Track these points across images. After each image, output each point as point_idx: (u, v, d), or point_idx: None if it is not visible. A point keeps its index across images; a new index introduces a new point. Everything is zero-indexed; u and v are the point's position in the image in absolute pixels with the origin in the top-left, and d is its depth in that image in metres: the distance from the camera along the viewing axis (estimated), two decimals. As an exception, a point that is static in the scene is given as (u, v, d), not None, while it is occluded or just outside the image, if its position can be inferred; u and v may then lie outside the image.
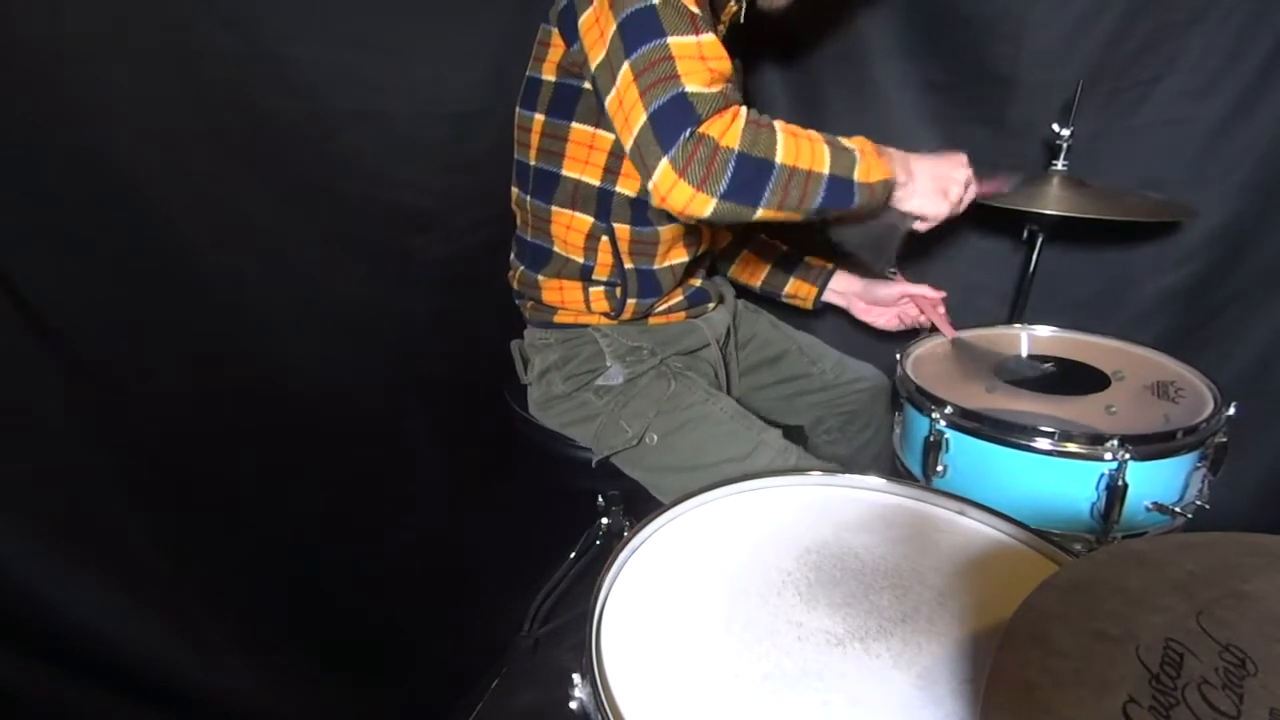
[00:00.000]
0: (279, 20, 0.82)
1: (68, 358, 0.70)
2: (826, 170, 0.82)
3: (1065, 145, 1.14)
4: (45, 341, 0.68)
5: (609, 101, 0.81)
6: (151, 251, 0.76)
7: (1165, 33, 1.15)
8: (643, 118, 0.77)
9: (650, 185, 0.78)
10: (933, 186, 0.94)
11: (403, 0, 0.95)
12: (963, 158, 0.97)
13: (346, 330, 1.00)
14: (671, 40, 0.76)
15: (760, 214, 0.80)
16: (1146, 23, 1.15)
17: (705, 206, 0.78)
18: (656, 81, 0.76)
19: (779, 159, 0.79)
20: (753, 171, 0.78)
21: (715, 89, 0.77)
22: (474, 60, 1.05)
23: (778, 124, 0.81)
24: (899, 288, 1.24)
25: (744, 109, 0.79)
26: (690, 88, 0.76)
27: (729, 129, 0.77)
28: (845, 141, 0.85)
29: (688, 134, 0.75)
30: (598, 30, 0.81)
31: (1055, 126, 1.13)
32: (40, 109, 0.65)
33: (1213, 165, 1.19)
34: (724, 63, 0.79)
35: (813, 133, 0.83)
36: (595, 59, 0.82)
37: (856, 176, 0.84)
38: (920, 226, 0.98)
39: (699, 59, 0.77)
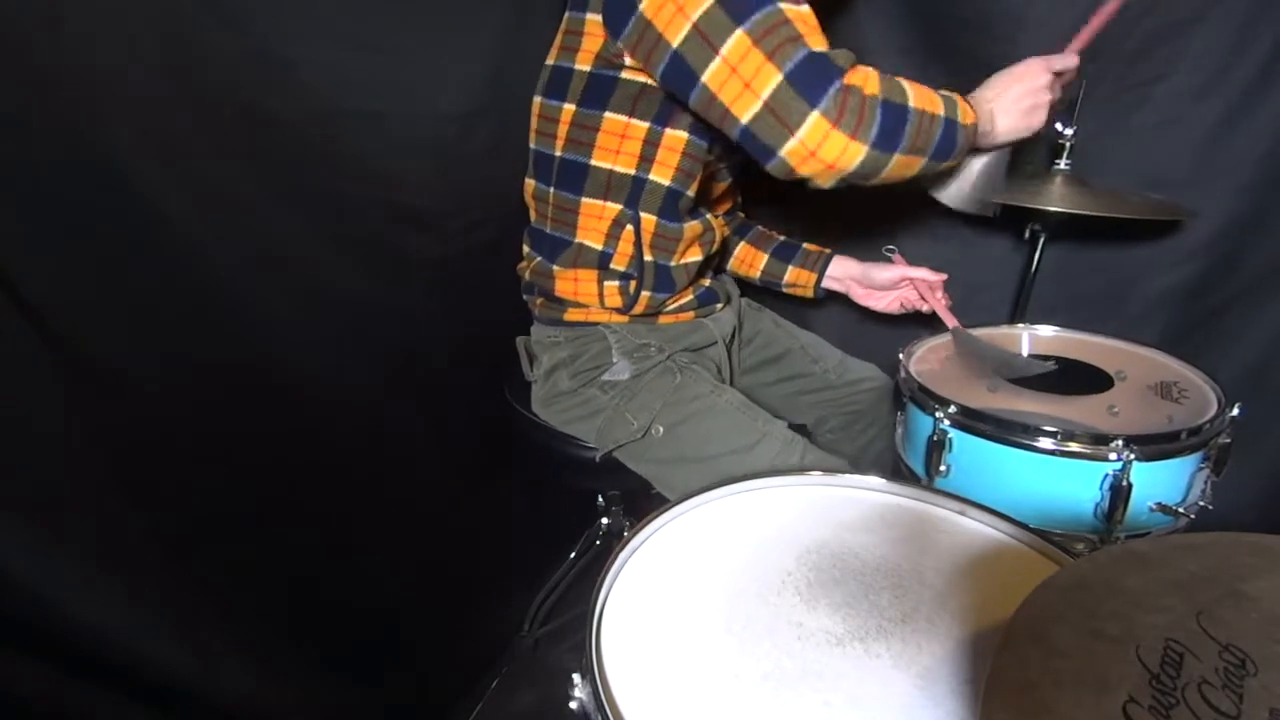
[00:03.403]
0: (279, 20, 0.82)
1: (68, 358, 0.70)
2: (943, 113, 0.86)
3: (1068, 145, 1.14)
4: (45, 341, 0.67)
5: (712, 72, 0.80)
6: (151, 251, 0.76)
7: (1166, 32, 1.14)
8: (776, 78, 0.77)
9: (793, 143, 0.79)
10: (1016, 114, 0.96)
11: (403, 0, 0.95)
12: (1038, 63, 0.96)
13: (346, 330, 1.00)
14: (784, 6, 0.78)
15: (895, 161, 0.83)
16: (1147, 23, 1.14)
17: (857, 155, 0.80)
18: (783, 44, 0.77)
19: (912, 103, 0.82)
20: (896, 118, 0.81)
21: (834, 50, 0.80)
22: (474, 60, 1.05)
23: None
24: (897, 270, 1.22)
25: (869, 66, 0.82)
26: (816, 48, 0.78)
27: (868, 79, 0.80)
28: (941, 91, 0.88)
29: (838, 85, 0.77)
30: (674, 7, 0.81)
31: (1058, 126, 1.13)
32: (40, 109, 0.65)
33: (1214, 165, 1.19)
34: (823, 34, 0.82)
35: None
36: (678, 34, 0.81)
37: (959, 118, 0.88)
38: (1027, 134, 1.00)
39: (811, 27, 0.80)
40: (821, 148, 0.79)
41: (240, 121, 0.81)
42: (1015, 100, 0.95)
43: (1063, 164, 1.15)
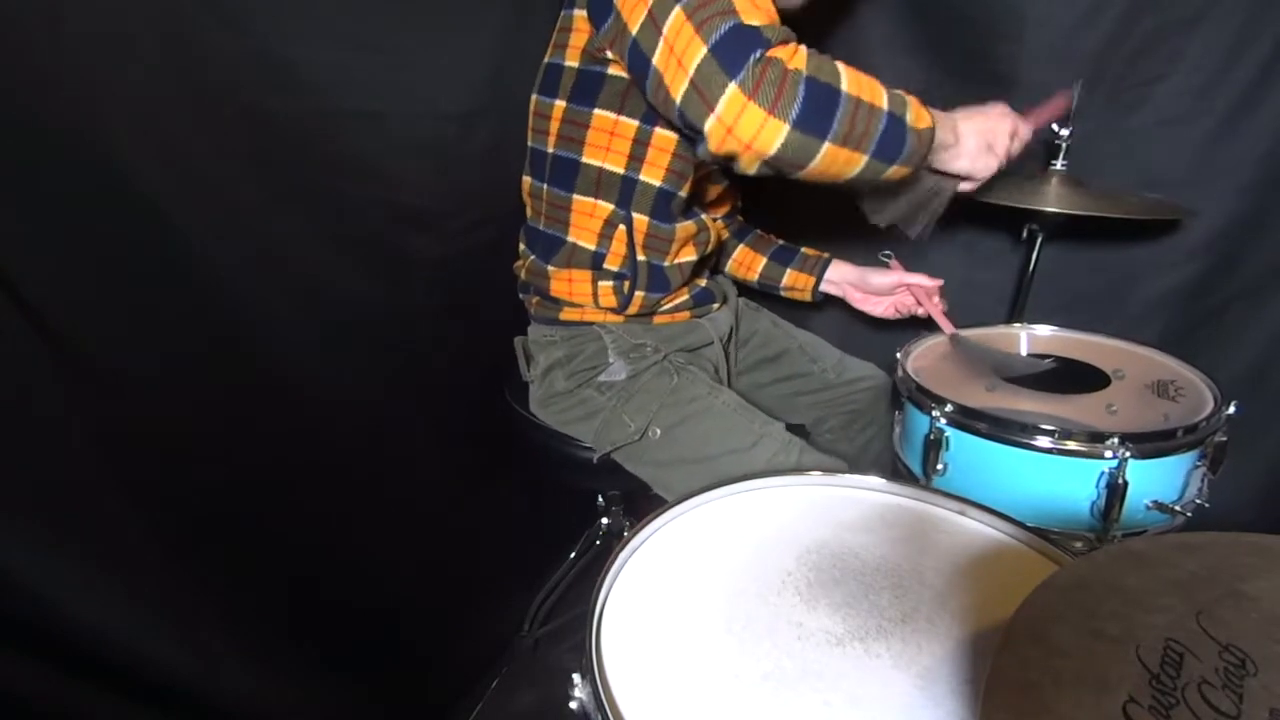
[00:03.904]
0: (279, 20, 0.82)
1: (68, 357, 0.70)
2: (885, 106, 0.80)
3: (1065, 145, 1.14)
4: (45, 341, 0.67)
5: (658, 54, 0.79)
6: (151, 251, 0.76)
7: (1165, 32, 1.15)
8: (702, 51, 0.75)
9: (712, 120, 0.76)
10: (979, 144, 0.92)
11: (403, 0, 0.95)
12: (1004, 107, 0.95)
13: (346, 330, 1.00)
14: None
15: (825, 150, 0.77)
16: (1147, 23, 1.15)
17: (777, 134, 0.75)
18: (711, 16, 0.75)
19: (844, 87, 0.77)
20: (822, 97, 0.76)
21: (772, 25, 0.77)
22: (474, 60, 1.05)
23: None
24: (895, 276, 1.22)
25: (803, 45, 0.78)
26: (748, 21, 0.75)
27: (795, 55, 0.76)
28: (894, 89, 0.84)
29: (757, 55, 0.74)
30: None
31: (1055, 126, 1.13)
32: (40, 109, 0.65)
33: (1213, 165, 1.19)
34: (774, 14, 0.79)
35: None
36: (636, 23, 0.81)
37: (909, 120, 0.82)
38: (966, 187, 0.97)
39: (751, 3, 0.77)
40: (738, 123, 0.75)
41: (240, 121, 0.81)
42: (980, 130, 0.92)
43: (1060, 164, 1.15)
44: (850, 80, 0.78)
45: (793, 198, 1.37)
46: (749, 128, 0.75)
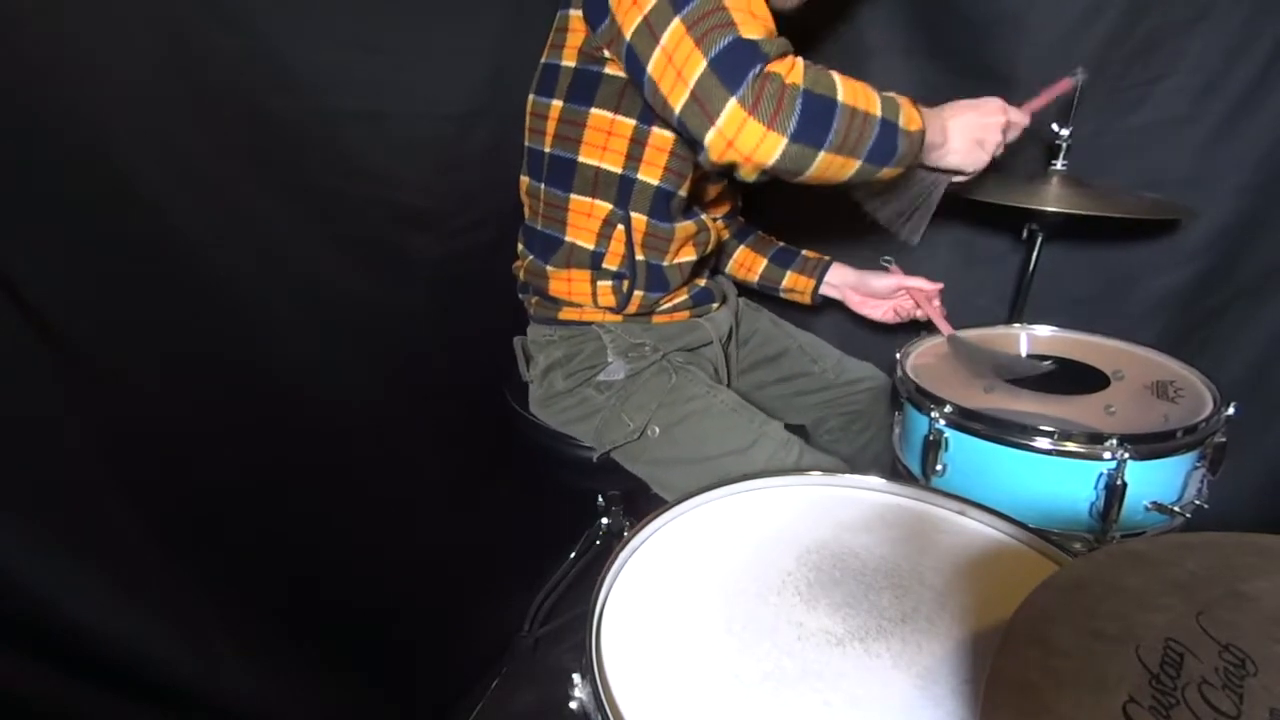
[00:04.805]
0: (279, 20, 0.82)
1: (68, 358, 0.70)
2: (879, 113, 0.82)
3: (1065, 145, 1.14)
4: (45, 341, 0.67)
5: (654, 62, 0.80)
6: (151, 251, 0.76)
7: (1165, 32, 1.15)
8: (701, 65, 0.76)
9: (713, 133, 0.77)
10: (967, 141, 0.94)
11: (403, 0, 0.95)
12: (997, 102, 0.97)
13: (346, 330, 1.00)
14: None
15: (821, 159, 0.80)
16: (1146, 22, 1.14)
17: (776, 147, 0.77)
18: (711, 29, 0.76)
19: (840, 98, 0.79)
20: (819, 110, 0.78)
21: (770, 38, 0.78)
22: (473, 60, 1.05)
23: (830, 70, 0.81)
24: (894, 279, 1.23)
25: (798, 56, 0.80)
26: (746, 35, 0.76)
27: (792, 68, 0.77)
28: (886, 92, 0.85)
29: (756, 71, 0.75)
30: (630, 0, 0.81)
31: (1055, 126, 1.13)
32: (40, 109, 0.65)
33: (1213, 165, 1.19)
34: (771, 22, 0.80)
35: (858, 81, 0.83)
36: (630, 26, 0.81)
37: (901, 123, 0.84)
38: (960, 180, 0.99)
39: (749, 13, 0.78)
40: (738, 137, 0.76)
41: (240, 121, 0.81)
42: (969, 127, 0.94)
43: (1060, 164, 1.15)
44: (846, 90, 0.80)
45: (794, 200, 1.38)
46: (749, 141, 0.77)
